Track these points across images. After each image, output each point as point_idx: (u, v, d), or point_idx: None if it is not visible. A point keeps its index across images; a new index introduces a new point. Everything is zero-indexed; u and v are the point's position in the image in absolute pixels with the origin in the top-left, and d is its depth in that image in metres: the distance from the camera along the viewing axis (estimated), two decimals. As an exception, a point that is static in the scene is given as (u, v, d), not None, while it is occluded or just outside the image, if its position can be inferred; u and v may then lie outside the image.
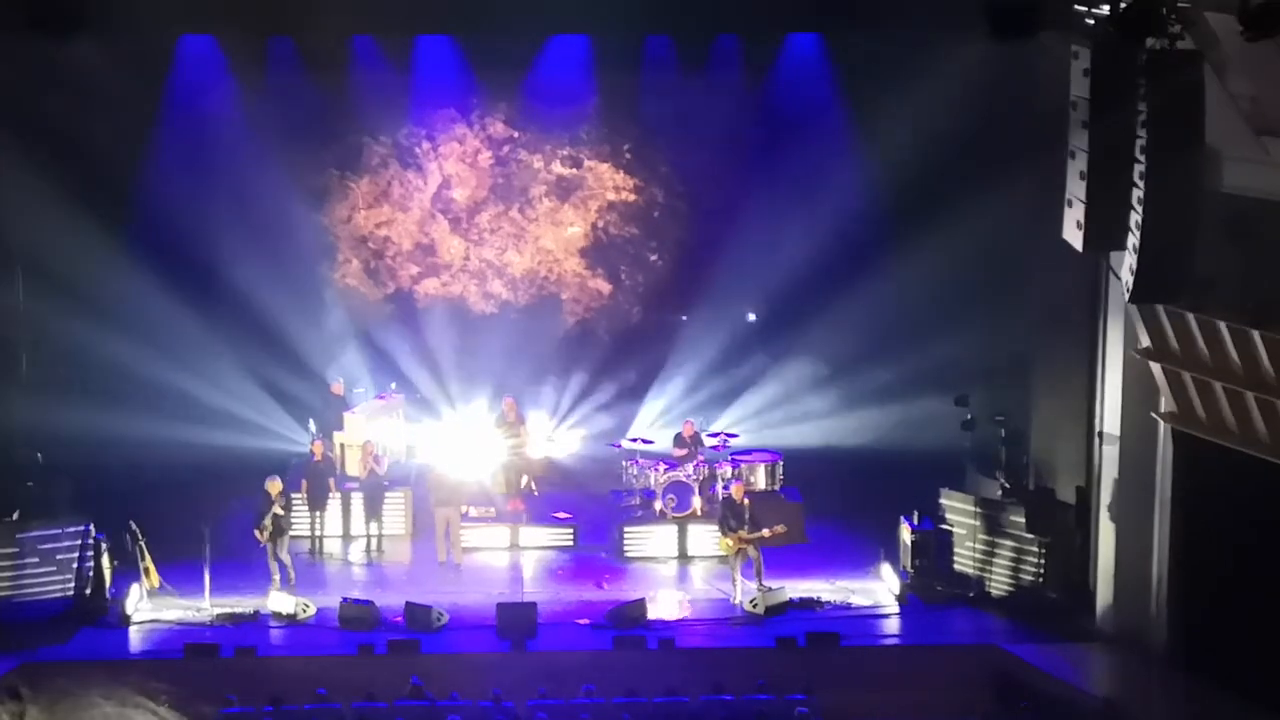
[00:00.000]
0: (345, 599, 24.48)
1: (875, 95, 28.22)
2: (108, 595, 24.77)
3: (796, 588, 25.23)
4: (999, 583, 25.27)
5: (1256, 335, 20.19)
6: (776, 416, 30.61)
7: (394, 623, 24.09)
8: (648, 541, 27.35)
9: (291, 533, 27.26)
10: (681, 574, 26.80)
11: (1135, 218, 18.97)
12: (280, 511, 25.38)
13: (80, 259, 27.73)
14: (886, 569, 25.69)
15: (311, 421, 29.24)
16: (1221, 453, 21.54)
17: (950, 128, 26.61)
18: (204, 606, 24.58)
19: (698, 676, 21.54)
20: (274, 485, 25.47)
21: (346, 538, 27.84)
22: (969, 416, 27.16)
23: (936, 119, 26.70)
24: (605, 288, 31.51)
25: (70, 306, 27.79)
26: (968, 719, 19.76)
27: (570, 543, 27.77)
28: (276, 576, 25.40)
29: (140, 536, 25.01)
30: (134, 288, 28.51)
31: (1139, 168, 18.79)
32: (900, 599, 25.08)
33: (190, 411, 28.92)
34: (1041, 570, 24.84)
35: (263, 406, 29.78)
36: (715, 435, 29.01)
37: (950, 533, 25.78)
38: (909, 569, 25.72)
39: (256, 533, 25.34)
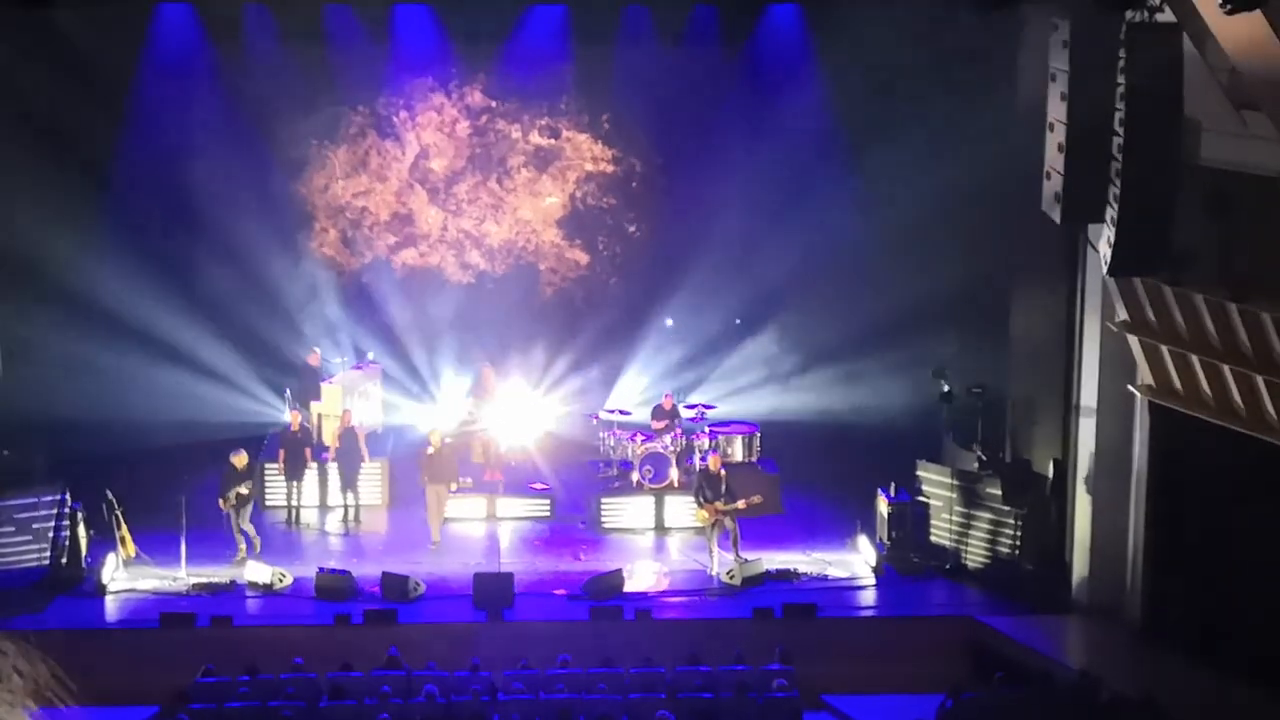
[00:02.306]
0: (322, 569, 24.46)
1: (854, 66, 28.20)
2: (84, 564, 24.71)
3: (773, 559, 25.28)
4: (975, 555, 25.32)
5: (1234, 309, 20.21)
6: (754, 388, 30.62)
7: (370, 593, 24.08)
8: (625, 512, 27.37)
9: (269, 502, 27.40)
10: (658, 545, 26.83)
11: (1113, 190, 18.98)
12: (245, 491, 25.24)
13: (56, 226, 27.67)
14: (863, 540, 25.72)
15: (288, 391, 29.18)
16: (1198, 426, 21.57)
17: (932, 96, 26.62)
18: (180, 576, 24.54)
19: (674, 647, 21.59)
20: (240, 459, 25.32)
21: (323, 508, 27.82)
22: (946, 389, 27.16)
23: (918, 87, 26.70)
24: (583, 258, 31.47)
25: (45, 274, 27.69)
26: (943, 690, 19.78)
27: (547, 513, 27.77)
28: (243, 546, 25.34)
29: (116, 505, 24.93)
30: (109, 256, 28.45)
31: (1118, 140, 18.80)
32: (876, 570, 25.13)
33: (166, 379, 28.85)
34: (1017, 542, 24.88)
35: (239, 376, 29.72)
36: (693, 407, 29.00)
37: (927, 505, 25.83)
38: (885, 541, 25.77)
39: (220, 502, 25.25)
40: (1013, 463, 25.98)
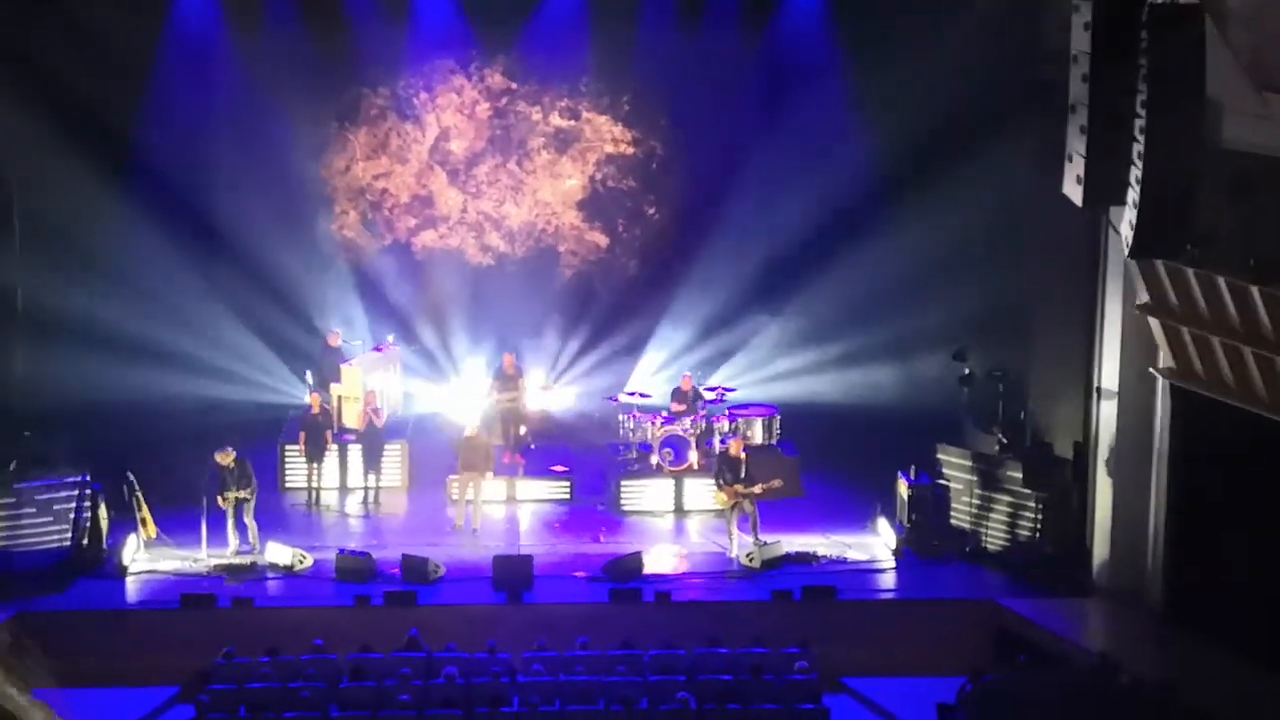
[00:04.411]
0: (342, 550, 24.49)
1: (875, 48, 28.11)
2: (104, 546, 24.78)
3: (793, 542, 25.25)
4: (995, 538, 25.30)
5: (1255, 291, 20.14)
6: (774, 371, 30.57)
7: (391, 574, 24.11)
8: (644, 495, 27.36)
9: (290, 484, 27.42)
10: (678, 528, 26.82)
11: (1135, 173, 18.92)
12: (244, 495, 24.89)
13: (77, 208, 27.74)
14: (883, 524, 25.70)
15: (309, 373, 29.20)
16: (1219, 408, 21.53)
17: (951, 81, 26.55)
18: (201, 557, 24.59)
19: (693, 630, 21.62)
20: (225, 456, 24.88)
21: (344, 490, 27.84)
22: (967, 371, 27.13)
23: (937, 72, 26.63)
24: (602, 241, 31.43)
25: (67, 256, 27.77)
26: (963, 673, 19.77)
27: (567, 496, 27.77)
28: (234, 543, 24.89)
29: (137, 487, 25.00)
30: (131, 238, 28.50)
31: (1139, 122, 18.73)
32: (896, 553, 25.10)
33: (187, 362, 28.90)
34: (1038, 525, 24.86)
35: (260, 358, 29.76)
36: (713, 389, 28.98)
37: (947, 488, 25.81)
38: (905, 524, 25.75)
39: (219, 500, 24.89)
40: (1033, 446, 25.94)
